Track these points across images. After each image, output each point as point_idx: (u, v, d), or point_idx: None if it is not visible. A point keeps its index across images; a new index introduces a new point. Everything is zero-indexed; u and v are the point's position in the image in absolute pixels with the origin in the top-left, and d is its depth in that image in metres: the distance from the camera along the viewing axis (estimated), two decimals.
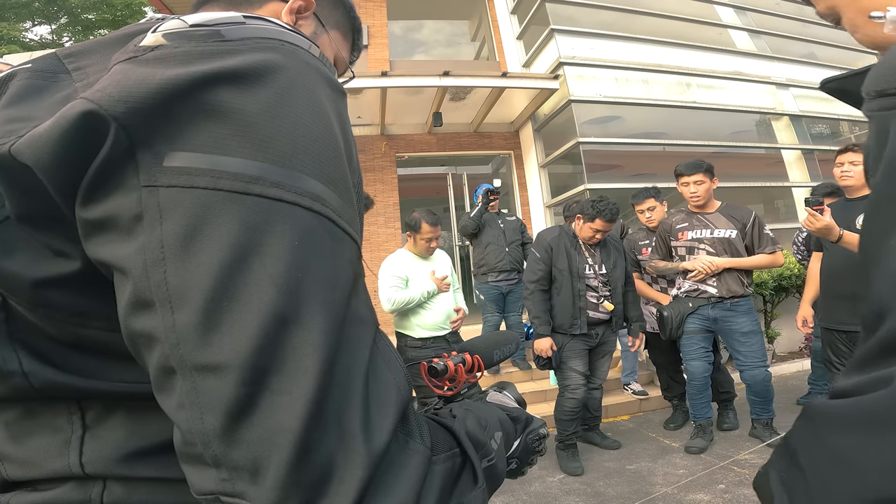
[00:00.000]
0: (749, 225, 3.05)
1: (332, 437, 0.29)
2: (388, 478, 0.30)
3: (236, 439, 0.28)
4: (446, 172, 7.51)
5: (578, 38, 6.55)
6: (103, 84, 0.31)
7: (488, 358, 0.65)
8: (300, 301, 0.29)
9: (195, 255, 0.29)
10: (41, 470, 0.40)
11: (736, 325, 3.03)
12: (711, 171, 3.11)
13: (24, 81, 0.37)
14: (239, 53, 0.33)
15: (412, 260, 3.05)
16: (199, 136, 0.30)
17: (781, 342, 5.23)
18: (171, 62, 0.32)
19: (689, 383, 3.20)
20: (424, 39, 8.49)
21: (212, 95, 0.31)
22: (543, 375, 4.35)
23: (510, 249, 4.29)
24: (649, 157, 6.75)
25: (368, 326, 0.34)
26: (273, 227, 0.30)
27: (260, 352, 0.28)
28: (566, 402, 3.01)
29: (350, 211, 0.35)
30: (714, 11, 7.66)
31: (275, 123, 0.32)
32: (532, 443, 0.57)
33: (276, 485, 0.27)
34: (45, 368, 0.38)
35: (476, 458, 0.39)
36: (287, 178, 0.31)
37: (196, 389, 0.28)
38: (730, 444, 3.16)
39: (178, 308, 0.29)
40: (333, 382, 0.29)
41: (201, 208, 0.29)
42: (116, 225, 0.30)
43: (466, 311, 3.16)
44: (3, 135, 0.32)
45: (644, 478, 2.84)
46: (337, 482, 0.28)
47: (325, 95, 0.36)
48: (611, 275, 3.06)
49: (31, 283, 0.35)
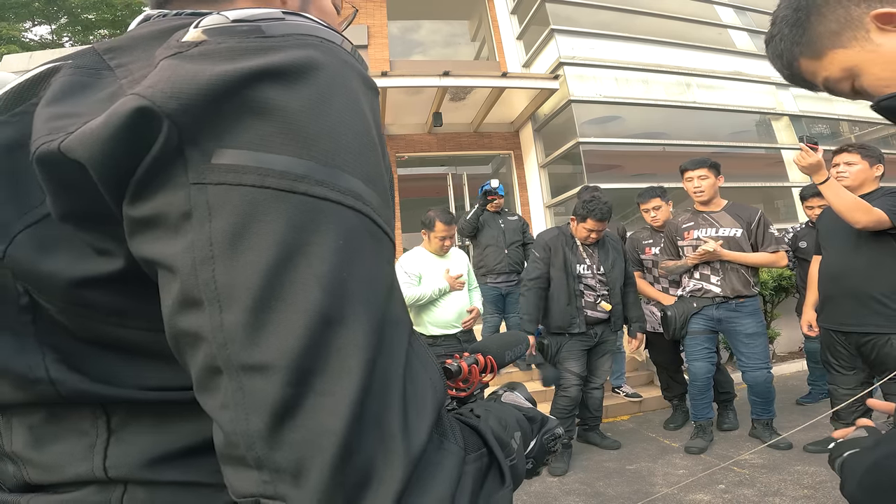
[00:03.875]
0: (755, 224, 3.04)
1: (372, 439, 0.29)
2: (425, 478, 0.31)
3: (280, 441, 0.28)
4: (446, 172, 7.51)
5: (578, 38, 6.55)
6: (153, 80, 0.31)
7: (500, 358, 0.65)
8: (344, 301, 0.29)
9: (243, 254, 0.29)
10: (64, 475, 0.39)
11: (740, 326, 3.02)
12: (717, 167, 3.11)
13: (68, 78, 0.36)
14: (282, 50, 0.32)
15: (427, 257, 3.06)
16: (245, 134, 0.30)
17: (781, 342, 5.23)
18: (216, 58, 0.31)
19: (692, 383, 3.19)
20: (424, 39, 8.49)
21: (258, 92, 0.31)
22: None
23: (510, 251, 4.26)
24: (649, 157, 6.75)
25: (404, 327, 0.34)
26: (318, 227, 0.30)
27: (306, 352, 0.28)
28: (559, 400, 3.05)
29: (387, 211, 0.35)
30: (714, 11, 7.67)
31: (318, 121, 0.31)
32: (548, 442, 0.57)
33: (318, 487, 0.27)
34: (72, 376, 0.37)
35: (503, 457, 0.39)
36: (331, 176, 0.31)
37: (242, 390, 0.28)
38: (730, 445, 3.16)
39: (227, 307, 0.29)
40: (374, 383, 0.29)
41: (249, 206, 0.29)
42: (165, 222, 0.30)
43: (481, 310, 3.17)
44: (51, 131, 0.32)
45: (644, 478, 2.83)
46: (377, 483, 0.28)
47: (362, 93, 0.36)
48: (609, 275, 3.07)
49: (70, 283, 0.35)
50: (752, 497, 2.45)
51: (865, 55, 0.54)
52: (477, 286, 3.35)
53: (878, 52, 0.53)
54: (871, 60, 0.53)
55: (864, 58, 0.54)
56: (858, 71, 0.55)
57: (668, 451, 3.21)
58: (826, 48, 0.57)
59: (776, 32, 0.61)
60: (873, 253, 2.32)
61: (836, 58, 0.56)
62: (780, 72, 0.64)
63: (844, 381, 2.57)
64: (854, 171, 2.42)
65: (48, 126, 0.32)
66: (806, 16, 0.58)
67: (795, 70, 0.61)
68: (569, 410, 3.03)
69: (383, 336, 0.31)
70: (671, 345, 3.45)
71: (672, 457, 3.09)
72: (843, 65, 0.56)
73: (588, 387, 3.17)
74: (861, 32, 0.54)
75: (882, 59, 0.53)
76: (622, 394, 4.22)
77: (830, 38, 0.56)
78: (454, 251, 3.17)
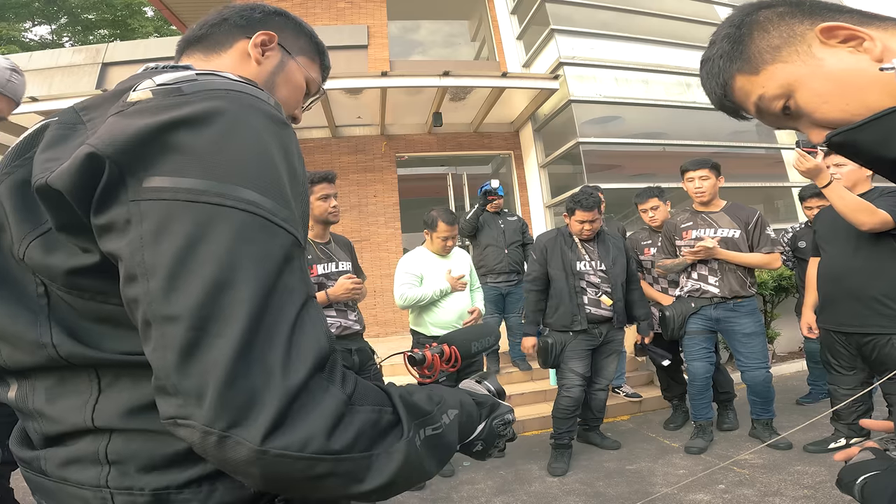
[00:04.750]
0: (752, 225, 3.05)
1: (256, 372, 0.39)
2: (304, 410, 0.40)
3: (187, 371, 0.38)
4: (446, 172, 7.51)
5: (578, 38, 6.55)
6: (100, 133, 0.44)
7: (466, 349, 0.70)
8: (234, 271, 0.41)
9: (162, 244, 0.41)
10: (65, 425, 0.52)
11: (738, 326, 3.03)
12: (718, 168, 3.11)
13: (54, 132, 0.50)
14: (193, 104, 0.45)
15: (430, 258, 3.05)
16: (165, 165, 0.43)
17: (781, 342, 5.23)
18: (145, 113, 0.45)
19: (691, 383, 3.19)
20: (424, 39, 8.49)
21: (172, 136, 0.43)
22: (543, 375, 4.35)
23: (509, 251, 4.27)
24: (649, 157, 6.75)
25: (298, 294, 0.44)
26: (214, 223, 0.42)
27: (203, 306, 0.39)
28: (561, 400, 3.05)
29: (285, 211, 0.46)
30: (714, 11, 7.66)
31: (219, 153, 0.44)
32: (497, 427, 0.64)
33: (211, 405, 0.37)
34: (68, 340, 0.50)
35: (405, 416, 0.48)
36: (227, 189, 0.43)
37: (162, 334, 0.40)
38: (730, 445, 3.16)
39: (151, 277, 0.41)
40: (259, 330, 0.40)
41: (166, 213, 0.42)
42: (115, 227, 0.43)
43: (483, 311, 3.16)
44: (42, 171, 0.46)
45: (644, 478, 2.83)
46: (259, 407, 0.38)
47: (264, 128, 0.48)
48: (610, 271, 3.07)
49: (66, 272, 0.48)
50: (752, 497, 2.45)
51: (805, 70, 0.53)
52: (479, 287, 3.34)
53: (820, 67, 0.53)
54: (811, 75, 0.53)
55: (803, 72, 0.54)
56: (797, 86, 0.54)
57: (668, 451, 3.21)
58: (765, 63, 0.56)
59: (713, 52, 0.61)
60: (873, 254, 2.32)
61: (774, 73, 0.55)
62: (710, 95, 0.63)
63: (844, 381, 2.57)
64: (845, 172, 2.43)
65: (41, 167, 0.47)
66: (748, 31, 0.58)
67: (729, 90, 0.60)
68: (571, 411, 3.03)
69: (272, 297, 0.41)
70: (671, 345, 3.45)
71: (672, 457, 3.09)
72: (781, 80, 0.55)
73: (592, 388, 3.17)
74: (803, 47, 0.54)
75: (822, 74, 0.52)
76: (622, 394, 4.22)
77: (771, 52, 0.56)
78: (456, 251, 3.17)
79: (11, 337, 0.53)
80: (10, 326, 0.52)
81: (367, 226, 6.85)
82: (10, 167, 0.53)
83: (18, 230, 0.50)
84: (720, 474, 2.71)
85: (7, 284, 0.53)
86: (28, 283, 0.52)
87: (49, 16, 11.71)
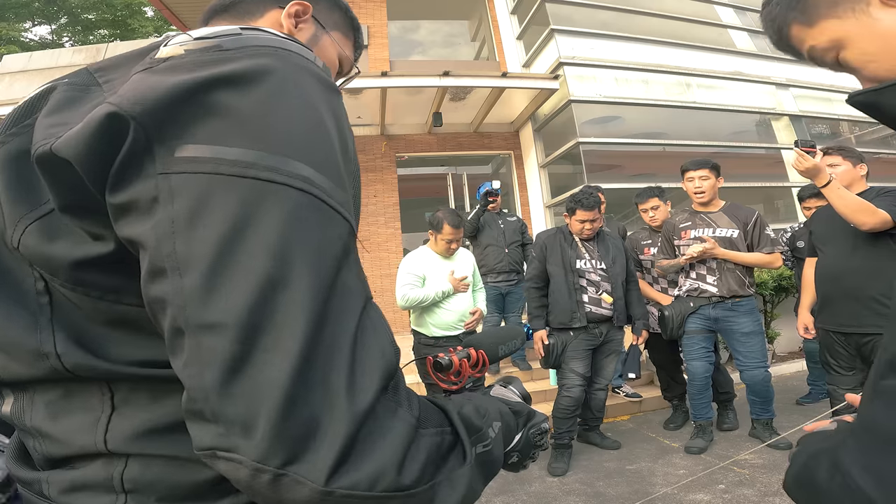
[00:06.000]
0: (751, 225, 3.05)
1: (317, 395, 0.32)
2: (373, 438, 0.33)
3: (231, 393, 0.31)
4: (446, 172, 7.51)
5: (578, 38, 6.55)
6: (123, 90, 0.36)
7: (493, 353, 0.65)
8: (289, 266, 0.33)
9: (199, 229, 0.33)
10: (71, 447, 0.43)
11: (737, 326, 3.03)
12: (717, 168, 3.12)
13: (63, 93, 0.42)
14: (236, 60, 0.38)
15: (433, 258, 3.03)
16: (202, 131, 0.35)
17: (781, 342, 5.23)
18: (178, 70, 0.37)
19: (690, 383, 3.20)
20: (424, 39, 8.49)
21: (212, 96, 0.36)
22: (543, 375, 4.35)
23: (510, 250, 4.30)
24: (649, 157, 6.75)
25: (358, 296, 0.37)
26: (266, 204, 0.34)
27: (253, 311, 0.32)
28: (562, 399, 3.05)
29: (341, 193, 0.39)
30: (714, 11, 7.66)
31: (268, 117, 0.36)
32: (534, 437, 0.58)
33: (264, 437, 0.30)
34: (76, 351, 0.42)
35: (465, 436, 0.41)
36: (279, 163, 0.35)
37: (199, 347, 0.32)
38: (730, 445, 3.16)
39: (185, 273, 0.32)
40: (320, 343, 0.32)
41: (205, 190, 0.34)
42: (138, 207, 0.35)
43: (485, 311, 3.14)
44: (46, 137, 0.38)
45: (644, 478, 2.83)
46: (321, 437, 0.31)
47: (317, 92, 0.40)
48: (610, 270, 3.09)
49: (72, 264, 0.40)
50: (752, 497, 2.45)
51: (858, 28, 0.53)
52: (482, 287, 3.32)
53: (873, 27, 0.52)
54: (862, 34, 0.53)
55: (855, 30, 0.53)
56: (845, 43, 0.54)
57: (668, 451, 3.21)
58: (820, 17, 0.56)
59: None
60: (871, 253, 2.32)
61: (827, 27, 0.55)
62: (769, 36, 0.64)
63: (844, 381, 2.57)
64: (840, 173, 2.43)
65: (44, 133, 0.38)
66: None
67: (784, 35, 0.60)
68: (571, 410, 3.04)
69: (331, 301, 0.34)
70: (671, 345, 3.45)
71: (672, 457, 3.09)
72: (833, 35, 0.55)
73: (592, 387, 3.18)
74: (861, 5, 0.53)
75: (874, 34, 0.52)
76: (622, 394, 4.22)
77: (827, 7, 0.55)
78: (461, 251, 3.14)
79: (5, 344, 0.44)
80: (3, 330, 0.43)
81: (367, 226, 6.85)
82: (4, 136, 0.43)
83: (12, 211, 0.41)
84: (720, 474, 2.71)
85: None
86: (24, 278, 0.43)
87: (49, 16, 11.71)
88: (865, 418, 0.40)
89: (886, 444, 0.37)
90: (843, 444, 0.41)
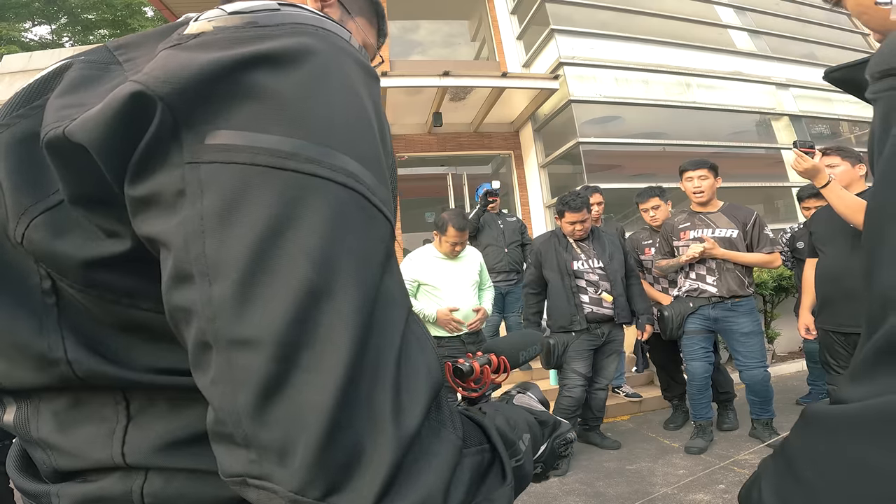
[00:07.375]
0: (750, 225, 3.06)
1: (361, 419, 0.28)
2: (419, 464, 0.30)
3: (266, 418, 0.28)
4: (446, 172, 7.51)
5: (578, 38, 6.55)
6: (149, 68, 0.32)
7: (514, 359, 0.63)
8: (333, 274, 0.29)
9: (232, 228, 0.29)
10: (86, 461, 0.40)
11: (736, 326, 3.04)
12: (716, 169, 3.13)
13: (79, 71, 0.38)
14: (275, 38, 0.34)
15: (436, 259, 2.94)
16: (237, 115, 0.31)
17: (781, 342, 5.23)
18: (211, 47, 0.33)
19: (690, 383, 3.20)
20: (424, 39, 8.49)
21: (249, 77, 0.32)
22: (544, 375, 4.35)
23: (509, 250, 4.31)
24: (649, 157, 6.75)
25: (401, 307, 0.33)
26: (307, 201, 0.30)
27: (292, 326, 0.28)
28: (563, 399, 3.05)
29: (384, 190, 0.35)
30: (714, 11, 7.67)
31: (310, 103, 0.32)
32: (559, 447, 0.56)
33: (303, 465, 0.27)
34: (89, 357, 0.38)
35: (506, 454, 0.39)
36: (322, 154, 0.31)
37: (230, 364, 0.28)
38: (730, 445, 3.16)
39: (216, 281, 0.29)
40: (364, 362, 0.29)
41: (239, 183, 0.30)
42: (161, 201, 0.31)
43: (489, 311, 3.07)
44: (58, 119, 0.33)
45: (644, 478, 2.83)
46: (365, 465, 0.28)
47: (359, 78, 0.36)
48: (608, 267, 3.09)
49: (82, 264, 0.35)
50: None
51: None
52: (491, 286, 3.21)
53: None
54: None
55: None
56: None
57: (668, 451, 3.21)
58: None
59: None
60: None
61: None
62: None
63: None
64: (839, 173, 2.43)
65: (57, 114, 0.34)
66: None
67: None
68: (572, 410, 3.04)
69: (375, 313, 0.30)
70: (671, 345, 3.46)
71: (672, 457, 3.09)
72: None
73: (593, 387, 3.18)
74: None
75: None
76: (622, 394, 4.22)
77: None
78: (469, 250, 3.04)
79: (8, 348, 0.39)
80: (5, 334, 0.39)
81: None
82: (10, 118, 0.39)
83: (16, 202, 0.37)
84: (720, 474, 2.71)
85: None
86: (28, 276, 0.38)
87: (49, 16, 11.71)
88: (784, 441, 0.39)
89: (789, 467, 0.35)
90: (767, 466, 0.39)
